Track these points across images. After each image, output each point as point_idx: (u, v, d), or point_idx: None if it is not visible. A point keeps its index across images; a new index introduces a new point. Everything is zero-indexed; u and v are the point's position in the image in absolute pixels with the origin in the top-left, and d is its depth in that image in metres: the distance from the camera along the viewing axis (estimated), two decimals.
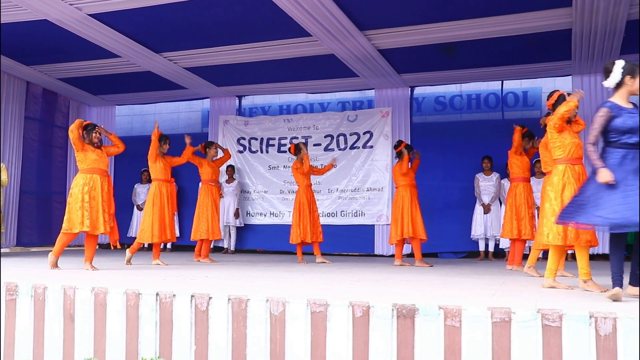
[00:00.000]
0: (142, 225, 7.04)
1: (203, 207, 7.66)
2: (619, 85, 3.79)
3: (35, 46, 8.25)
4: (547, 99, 4.61)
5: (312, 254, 7.93)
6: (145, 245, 10.29)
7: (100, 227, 5.75)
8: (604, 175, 3.56)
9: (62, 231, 5.79)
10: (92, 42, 7.77)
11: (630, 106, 3.78)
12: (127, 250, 6.84)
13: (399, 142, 7.52)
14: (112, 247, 5.92)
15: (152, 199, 6.98)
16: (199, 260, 7.68)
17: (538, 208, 6.38)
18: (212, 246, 10.07)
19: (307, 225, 7.56)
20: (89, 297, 3.91)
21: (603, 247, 8.45)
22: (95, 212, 5.76)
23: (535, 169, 8.43)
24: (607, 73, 3.83)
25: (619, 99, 3.80)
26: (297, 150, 7.79)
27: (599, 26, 6.79)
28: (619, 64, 3.77)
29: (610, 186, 3.55)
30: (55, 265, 5.82)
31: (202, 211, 7.66)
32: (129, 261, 6.76)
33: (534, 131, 6.53)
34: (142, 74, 9.24)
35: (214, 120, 10.69)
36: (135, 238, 10.34)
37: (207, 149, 7.88)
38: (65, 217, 5.78)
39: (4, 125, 9.22)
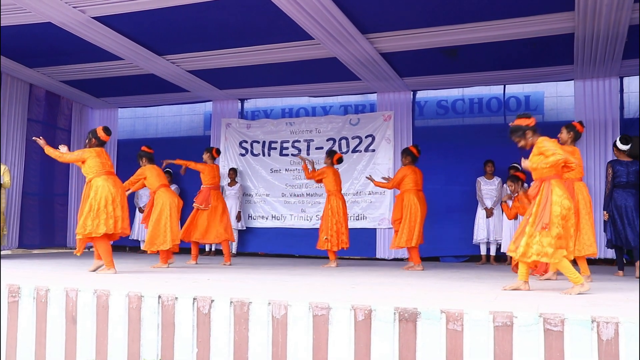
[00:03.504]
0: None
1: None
2: None
3: (38, 48, 8.27)
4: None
5: (325, 257, 8.10)
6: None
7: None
8: None
9: None
10: (95, 44, 7.79)
11: None
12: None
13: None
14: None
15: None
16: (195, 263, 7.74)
17: None
18: (213, 249, 10.11)
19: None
20: (91, 299, 3.92)
21: (604, 253, 8.47)
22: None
23: None
24: None
25: None
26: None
27: (601, 31, 6.80)
28: None
29: None
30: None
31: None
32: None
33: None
34: (144, 77, 9.25)
35: (217, 123, 10.70)
36: (136, 240, 10.40)
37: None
38: None
39: (6, 127, 9.24)
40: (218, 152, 8.28)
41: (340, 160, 8.09)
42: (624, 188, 6.25)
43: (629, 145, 6.37)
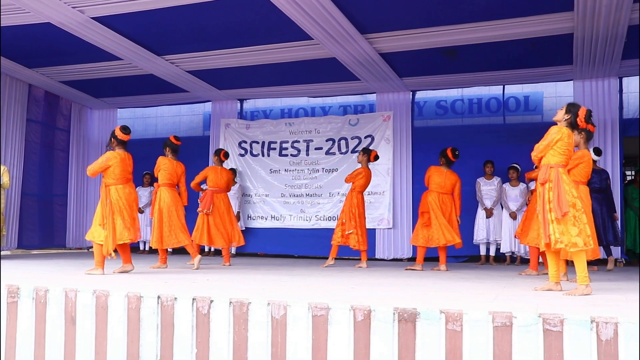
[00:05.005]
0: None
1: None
2: None
3: (37, 49, 8.26)
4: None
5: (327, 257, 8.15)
6: (142, 248, 10.33)
7: None
8: None
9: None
10: (94, 45, 7.79)
11: None
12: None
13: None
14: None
15: None
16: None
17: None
18: (212, 249, 10.11)
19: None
20: (90, 300, 3.91)
21: (604, 252, 8.47)
22: None
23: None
24: None
25: None
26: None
27: (600, 31, 6.80)
28: None
29: None
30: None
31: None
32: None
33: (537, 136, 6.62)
34: (144, 77, 9.25)
35: (216, 123, 10.70)
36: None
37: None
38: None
39: (5, 127, 9.23)
40: (226, 155, 8.18)
41: (376, 158, 7.96)
42: (597, 193, 6.82)
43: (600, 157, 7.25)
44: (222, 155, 8.03)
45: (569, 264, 5.46)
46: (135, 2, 6.50)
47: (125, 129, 6.05)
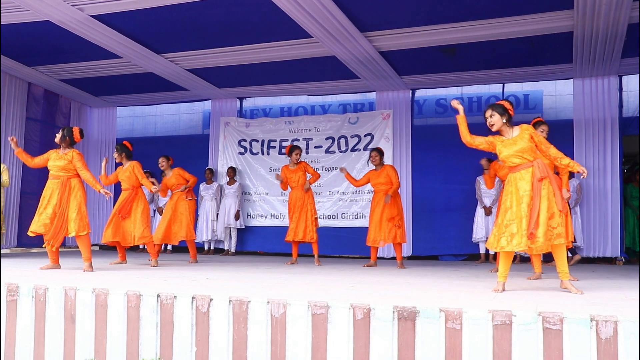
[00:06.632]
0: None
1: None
2: None
3: (37, 47, 8.26)
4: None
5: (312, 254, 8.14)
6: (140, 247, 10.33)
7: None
8: None
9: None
10: (94, 43, 7.78)
11: None
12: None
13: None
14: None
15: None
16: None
17: None
18: (213, 247, 10.11)
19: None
20: (90, 298, 3.91)
21: (603, 251, 8.48)
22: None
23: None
24: None
25: None
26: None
27: (600, 29, 6.80)
28: None
29: None
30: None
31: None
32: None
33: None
34: (143, 75, 9.24)
35: (215, 122, 10.70)
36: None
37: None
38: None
39: (5, 126, 9.23)
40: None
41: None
42: None
43: None
44: (171, 160, 8.24)
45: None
46: (135, 0, 6.49)
47: (82, 133, 6.32)
